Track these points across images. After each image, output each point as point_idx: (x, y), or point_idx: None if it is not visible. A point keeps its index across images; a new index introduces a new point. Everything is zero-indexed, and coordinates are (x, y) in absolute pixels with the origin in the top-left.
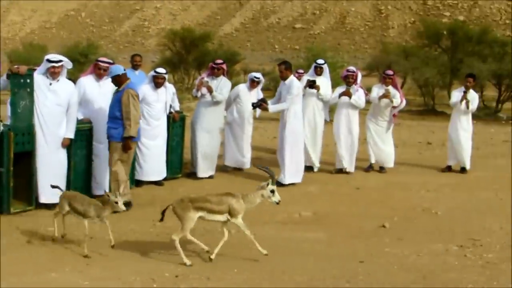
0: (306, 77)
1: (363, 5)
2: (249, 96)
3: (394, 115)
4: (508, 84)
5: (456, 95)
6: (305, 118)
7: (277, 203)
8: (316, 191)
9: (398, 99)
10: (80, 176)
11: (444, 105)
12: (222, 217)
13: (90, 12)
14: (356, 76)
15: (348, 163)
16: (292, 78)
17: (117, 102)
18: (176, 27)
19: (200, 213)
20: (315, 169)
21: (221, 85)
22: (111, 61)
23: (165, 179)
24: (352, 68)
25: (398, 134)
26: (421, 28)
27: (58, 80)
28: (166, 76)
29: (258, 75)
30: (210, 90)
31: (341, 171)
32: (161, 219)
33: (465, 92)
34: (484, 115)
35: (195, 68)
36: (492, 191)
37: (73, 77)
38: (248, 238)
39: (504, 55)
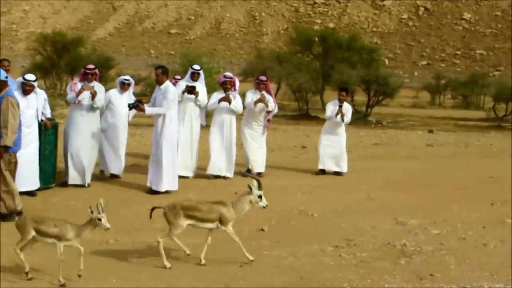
0: (182, 83)
1: (237, 11)
2: (121, 100)
3: (268, 121)
4: (376, 89)
5: (330, 108)
6: (182, 124)
7: (264, 208)
8: (194, 197)
9: (272, 103)
10: None
11: (317, 109)
12: (212, 225)
13: None
14: (234, 82)
15: (226, 169)
16: (167, 83)
17: None
18: (46, 31)
19: (190, 221)
20: (191, 176)
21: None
22: None
23: (38, 189)
24: (229, 74)
25: (274, 139)
26: (293, 35)
27: None
28: (35, 83)
29: (127, 77)
30: (94, 95)
31: (218, 176)
32: (150, 217)
33: (340, 106)
34: (355, 119)
35: (67, 73)
36: (363, 192)
37: None
38: (237, 245)
39: (372, 62)
